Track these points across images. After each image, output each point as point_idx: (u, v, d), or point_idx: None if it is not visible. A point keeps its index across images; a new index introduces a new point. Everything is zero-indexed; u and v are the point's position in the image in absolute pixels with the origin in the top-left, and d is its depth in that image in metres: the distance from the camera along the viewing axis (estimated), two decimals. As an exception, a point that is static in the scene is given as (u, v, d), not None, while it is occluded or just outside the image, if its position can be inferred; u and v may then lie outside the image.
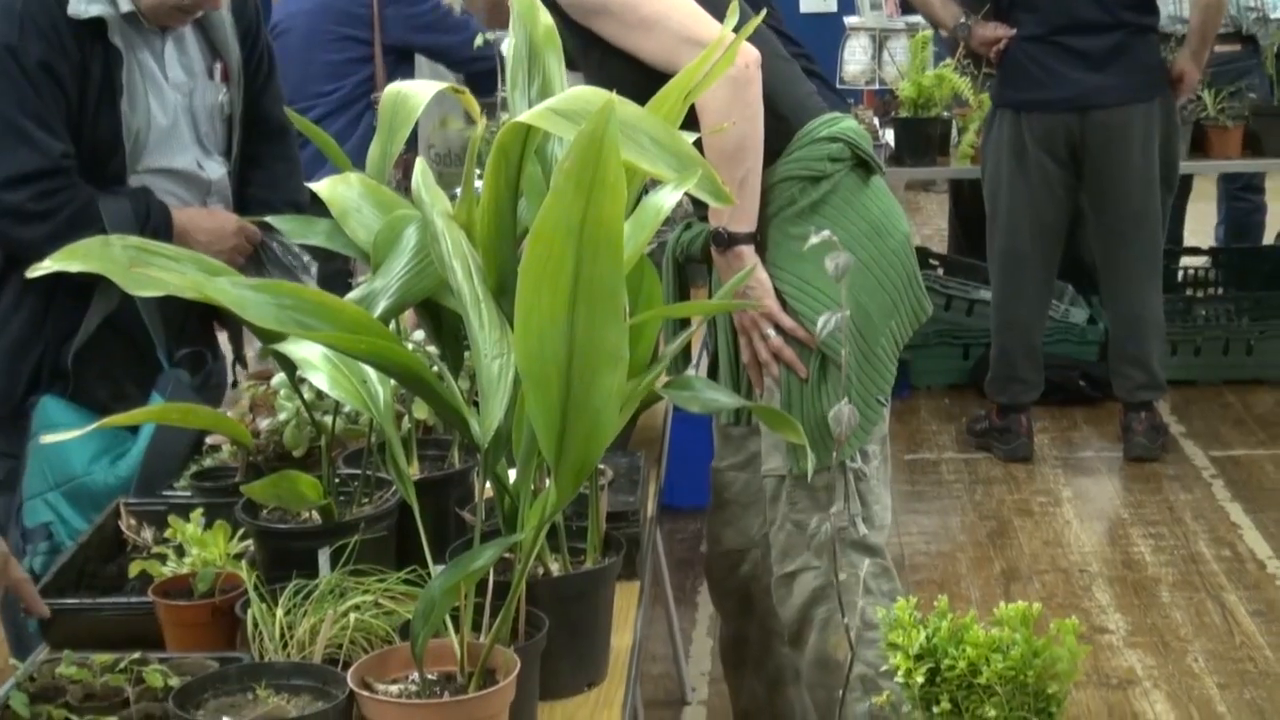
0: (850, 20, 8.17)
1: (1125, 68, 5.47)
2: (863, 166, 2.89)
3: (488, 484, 2.05)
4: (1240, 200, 7.46)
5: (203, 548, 2.17)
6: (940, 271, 6.92)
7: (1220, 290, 6.82)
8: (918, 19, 6.83)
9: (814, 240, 1.88)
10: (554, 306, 1.67)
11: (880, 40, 7.35)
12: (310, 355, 2.03)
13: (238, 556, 2.17)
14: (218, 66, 3.24)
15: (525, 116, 1.80)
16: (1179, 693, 4.21)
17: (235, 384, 3.26)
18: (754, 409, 2.66)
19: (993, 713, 1.59)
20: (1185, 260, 7.03)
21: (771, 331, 2.83)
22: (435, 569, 1.94)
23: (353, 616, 2.02)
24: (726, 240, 2.79)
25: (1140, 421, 5.83)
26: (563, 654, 2.15)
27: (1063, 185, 5.62)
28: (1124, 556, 5.08)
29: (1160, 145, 5.60)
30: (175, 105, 3.16)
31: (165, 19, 3.07)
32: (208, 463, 2.67)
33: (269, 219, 2.65)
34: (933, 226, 9.07)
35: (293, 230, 2.63)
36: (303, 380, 2.15)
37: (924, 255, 6.95)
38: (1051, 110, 5.51)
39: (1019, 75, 5.54)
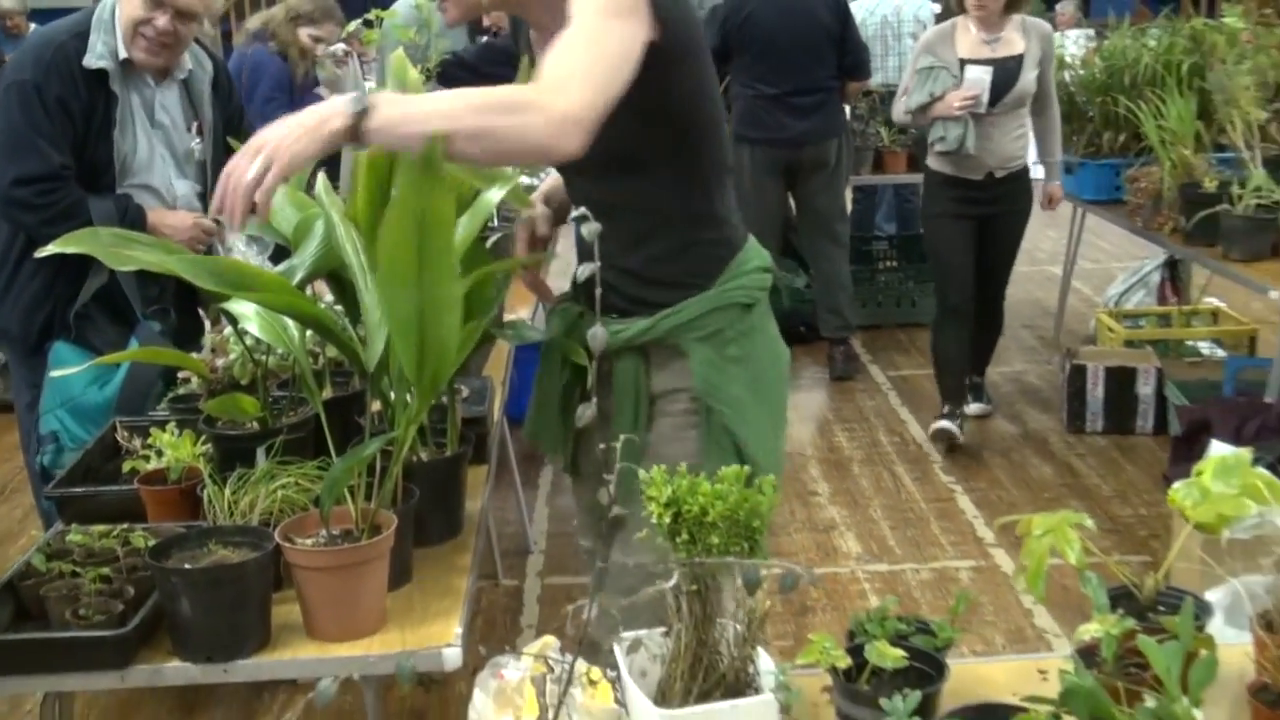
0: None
1: (824, 116, 5.63)
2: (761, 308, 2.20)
3: (375, 400, 2.07)
4: (908, 202, 7.62)
5: (175, 450, 2.18)
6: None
7: (894, 263, 6.93)
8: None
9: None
10: (406, 272, 1.70)
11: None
12: (246, 311, 2.10)
13: (200, 455, 2.16)
14: (194, 122, 3.26)
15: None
16: (864, 533, 4.33)
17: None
18: None
19: (716, 539, 1.61)
20: (875, 244, 7.13)
21: None
22: (337, 459, 1.95)
23: (279, 493, 2.03)
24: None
25: (840, 353, 5.96)
26: (431, 515, 2.17)
27: (779, 195, 5.75)
28: (829, 444, 5.19)
29: (839, 165, 5.77)
30: (156, 140, 3.18)
31: (151, 71, 3.11)
32: (181, 391, 2.68)
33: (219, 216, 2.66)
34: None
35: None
36: (244, 330, 2.14)
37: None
38: (776, 146, 5.59)
39: (753, 120, 5.61)
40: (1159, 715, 1.41)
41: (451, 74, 4.10)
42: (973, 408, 5.28)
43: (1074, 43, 6.40)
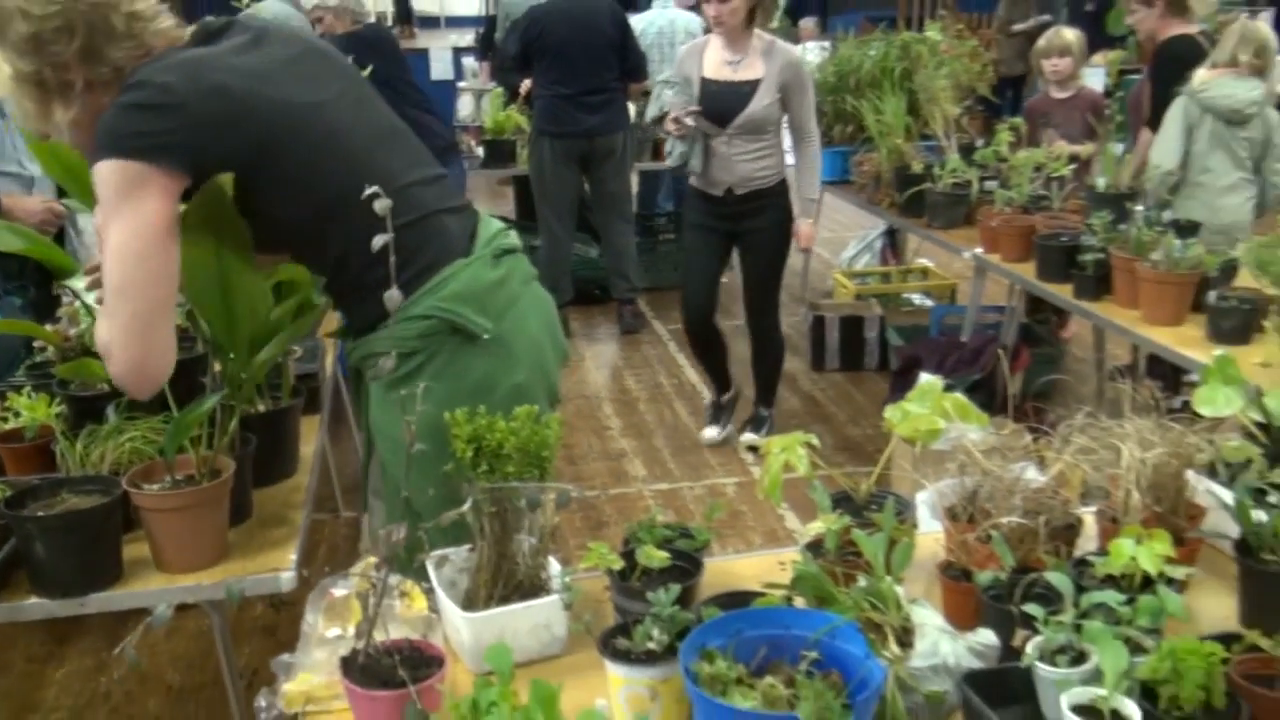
0: (460, 84, 8.24)
1: (612, 112, 5.61)
2: (465, 332, 1.77)
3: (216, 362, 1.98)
4: (682, 183, 7.65)
5: (32, 410, 2.03)
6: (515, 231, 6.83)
7: (672, 235, 6.96)
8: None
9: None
10: (206, 263, 1.64)
11: (478, 95, 7.31)
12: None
13: (56, 415, 2.03)
14: None
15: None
16: (649, 459, 4.39)
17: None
18: None
19: (511, 469, 1.60)
20: (656, 220, 7.14)
21: None
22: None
23: (128, 445, 1.92)
24: None
25: (628, 311, 6.00)
26: (268, 459, 2.09)
27: (575, 179, 5.71)
28: (619, 387, 5.23)
29: (625, 153, 5.73)
30: (11, 126, 3.00)
31: None
32: (38, 359, 2.49)
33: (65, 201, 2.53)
34: (512, 204, 8.99)
35: (75, 206, 2.51)
36: (90, 304, 2.02)
37: (503, 220, 6.91)
38: (572, 138, 5.55)
39: (552, 117, 5.55)
40: (869, 592, 1.47)
41: None
42: (746, 436, 4.50)
43: (813, 53, 6.51)
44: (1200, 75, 3.90)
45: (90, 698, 2.94)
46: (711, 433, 4.55)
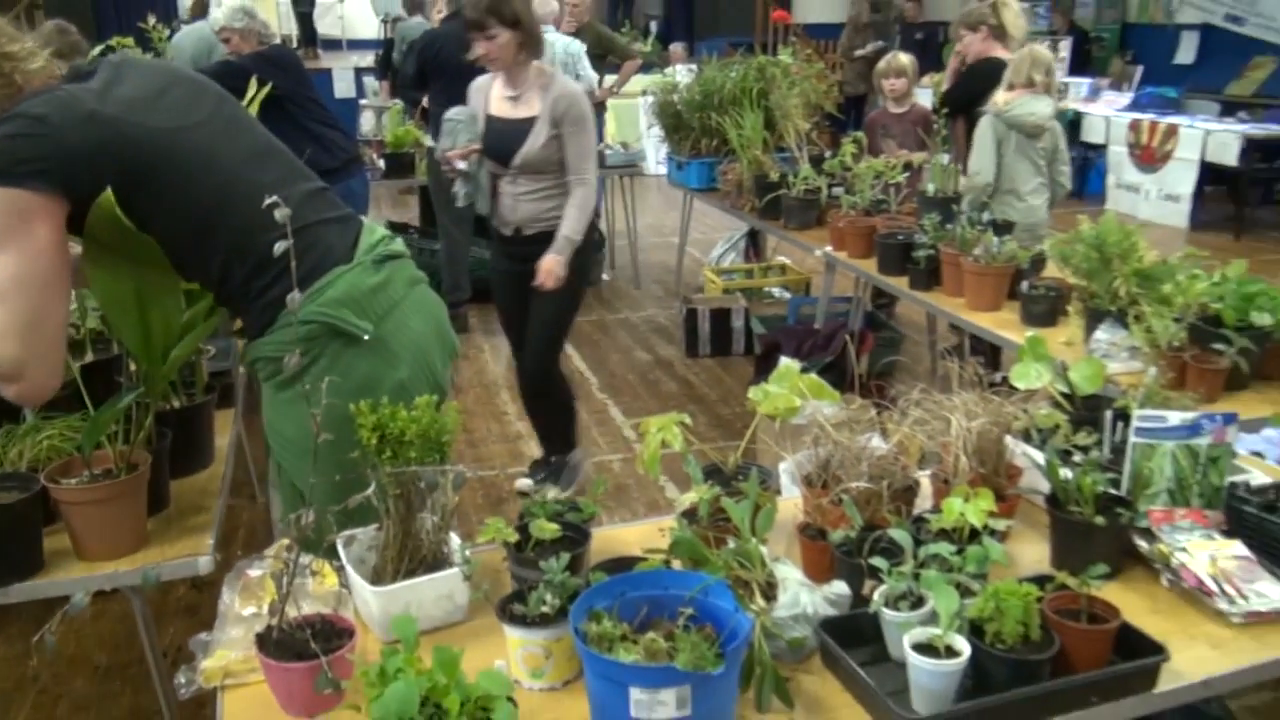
0: (362, 102, 8.05)
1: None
2: (347, 335, 1.72)
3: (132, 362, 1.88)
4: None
5: (-51, 413, 1.90)
6: (417, 236, 6.70)
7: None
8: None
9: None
10: (121, 279, 1.56)
11: (379, 112, 7.13)
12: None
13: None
14: None
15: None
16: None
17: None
18: None
19: (414, 453, 1.57)
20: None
21: None
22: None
23: (45, 443, 1.81)
24: None
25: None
26: (184, 452, 2.00)
27: None
28: (514, 375, 5.15)
29: None
30: None
31: None
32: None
33: None
34: (414, 211, 8.81)
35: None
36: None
37: (406, 226, 6.77)
38: None
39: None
40: (737, 552, 1.49)
41: None
42: (521, 482, 3.93)
43: (682, 74, 6.52)
44: (1002, 96, 4.07)
45: (19, 680, 2.79)
46: (524, 483, 3.90)
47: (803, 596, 1.46)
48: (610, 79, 7.29)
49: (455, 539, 1.57)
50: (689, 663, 1.16)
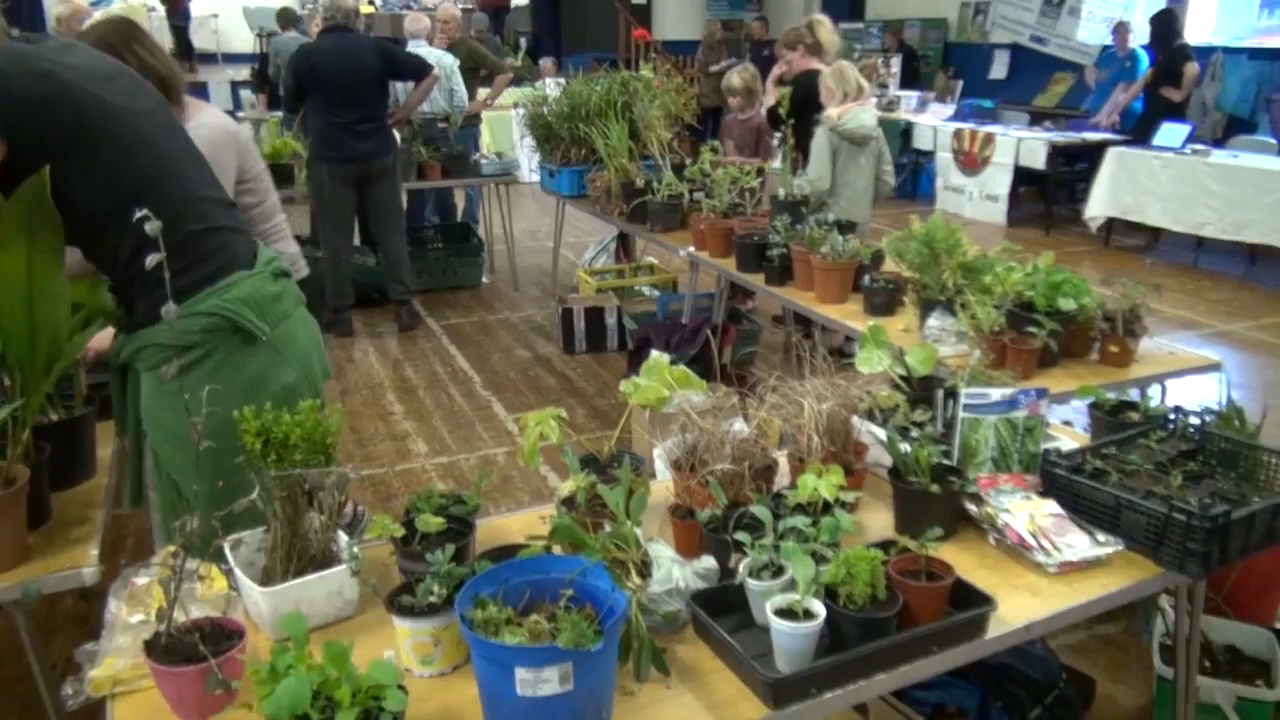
0: (239, 115, 7.70)
1: (381, 138, 5.34)
2: (244, 332, 1.72)
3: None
4: (445, 200, 7.49)
5: None
6: (300, 244, 6.43)
7: (440, 244, 6.80)
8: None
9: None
10: (15, 271, 1.44)
11: (256, 124, 6.85)
12: None
13: None
14: None
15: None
16: (429, 437, 4.26)
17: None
18: None
19: (299, 456, 1.52)
20: (425, 231, 6.95)
21: None
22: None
23: (-86, 462, 1.66)
24: None
25: (404, 311, 5.77)
26: (65, 463, 1.88)
27: (351, 198, 5.41)
28: (400, 377, 5.04)
29: (395, 174, 5.50)
30: None
31: None
32: None
33: None
34: (302, 226, 8.49)
35: None
36: None
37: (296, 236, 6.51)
38: (348, 162, 5.28)
39: (328, 143, 5.27)
40: (614, 535, 1.49)
41: None
42: None
43: (551, 88, 6.48)
44: (835, 111, 4.28)
45: (-104, 704, 2.57)
46: None
47: (675, 572, 1.48)
48: (484, 92, 7.20)
49: (343, 536, 1.52)
50: (570, 641, 1.16)
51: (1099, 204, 7.39)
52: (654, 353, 2.30)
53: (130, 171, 1.65)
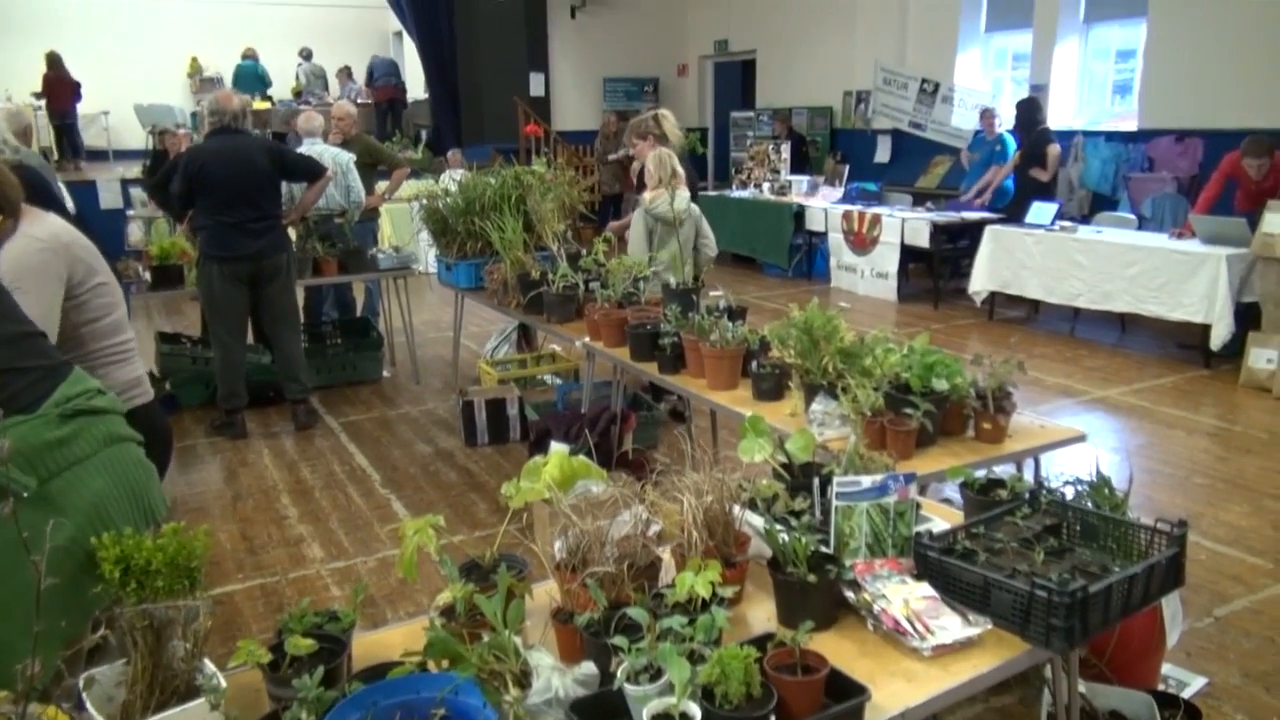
0: (129, 213, 7.51)
1: (274, 236, 5.28)
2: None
3: None
4: (343, 296, 7.37)
5: None
6: (190, 345, 6.28)
7: (339, 340, 6.71)
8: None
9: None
10: None
11: (147, 223, 6.69)
12: None
13: None
14: None
15: None
16: (325, 541, 4.13)
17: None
18: None
19: (161, 582, 1.47)
20: (323, 327, 6.86)
21: None
22: None
23: None
24: None
25: (301, 409, 5.65)
26: None
27: (244, 297, 5.32)
28: (295, 478, 4.90)
29: (289, 271, 5.44)
30: None
31: None
32: None
33: None
34: (191, 320, 8.29)
35: None
36: None
37: (177, 336, 6.36)
38: (239, 261, 5.20)
39: (218, 243, 5.19)
40: (493, 645, 1.48)
41: None
42: None
43: (453, 181, 6.54)
44: (648, 195, 4.68)
45: None
46: None
47: (554, 681, 1.46)
48: (382, 185, 7.22)
49: (209, 665, 1.47)
50: (438, 765, 1.14)
51: (981, 279, 7.77)
52: (554, 444, 2.31)
53: None
